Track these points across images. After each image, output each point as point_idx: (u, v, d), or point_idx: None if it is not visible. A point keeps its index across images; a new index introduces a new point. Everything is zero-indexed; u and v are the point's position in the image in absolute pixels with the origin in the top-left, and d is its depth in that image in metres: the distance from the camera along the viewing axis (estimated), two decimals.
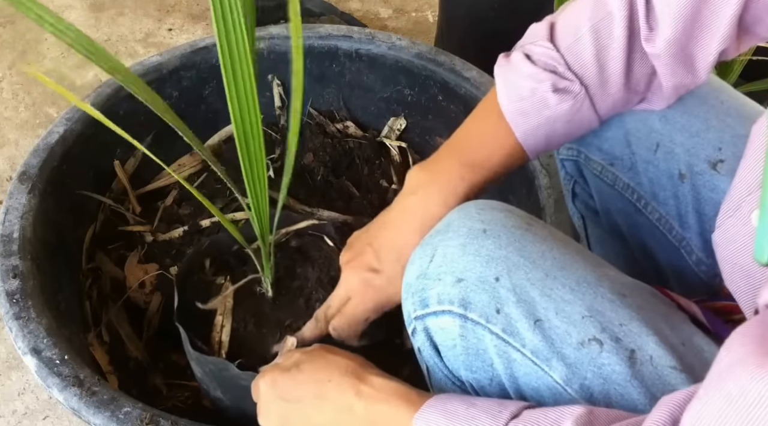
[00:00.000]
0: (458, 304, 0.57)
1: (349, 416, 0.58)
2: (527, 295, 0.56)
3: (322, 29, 1.11)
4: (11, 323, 0.76)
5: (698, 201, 0.72)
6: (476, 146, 0.71)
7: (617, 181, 0.78)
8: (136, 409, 0.70)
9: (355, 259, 0.73)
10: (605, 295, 0.56)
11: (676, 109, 0.72)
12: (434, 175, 0.70)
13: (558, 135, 0.70)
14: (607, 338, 0.54)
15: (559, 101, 0.67)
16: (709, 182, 0.71)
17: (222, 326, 0.81)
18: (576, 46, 0.67)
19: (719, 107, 0.72)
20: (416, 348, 0.64)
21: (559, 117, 0.68)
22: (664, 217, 0.76)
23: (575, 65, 0.67)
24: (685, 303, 0.62)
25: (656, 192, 0.75)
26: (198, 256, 0.86)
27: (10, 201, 0.87)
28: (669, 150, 0.73)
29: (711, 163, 0.71)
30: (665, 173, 0.74)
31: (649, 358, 0.54)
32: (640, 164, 0.75)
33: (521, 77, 0.68)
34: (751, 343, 0.38)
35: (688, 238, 0.75)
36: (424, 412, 0.53)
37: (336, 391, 0.59)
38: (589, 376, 0.54)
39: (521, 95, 0.68)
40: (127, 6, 1.70)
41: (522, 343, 0.56)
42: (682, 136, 0.72)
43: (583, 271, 0.57)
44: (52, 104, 1.49)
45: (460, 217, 0.61)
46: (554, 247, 0.58)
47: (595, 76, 0.67)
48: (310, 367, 0.62)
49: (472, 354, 0.58)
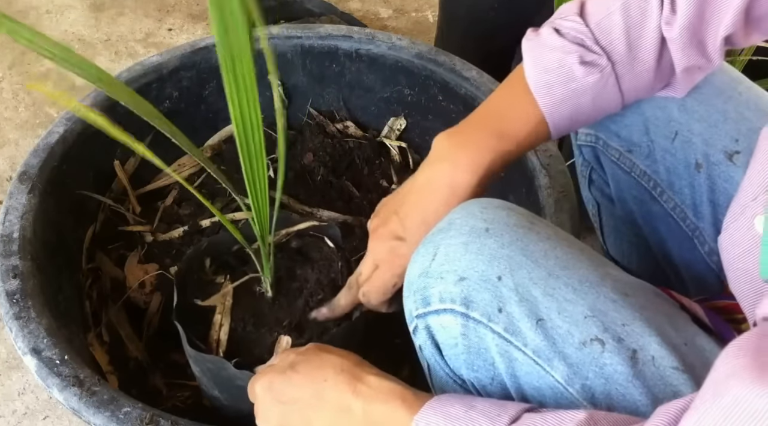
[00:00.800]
0: (460, 302, 0.57)
1: (347, 416, 0.58)
2: (529, 294, 0.56)
3: (322, 29, 1.11)
4: (11, 323, 0.76)
5: (713, 191, 0.73)
6: (503, 117, 0.70)
7: (634, 168, 0.78)
8: (136, 409, 0.70)
9: (381, 226, 0.72)
10: (608, 295, 0.56)
11: (695, 98, 0.73)
12: (463, 142, 0.69)
13: (582, 112, 0.70)
14: (609, 338, 0.54)
15: (585, 74, 0.67)
16: (724, 173, 0.71)
17: (220, 325, 0.81)
18: (605, 22, 0.67)
19: (737, 99, 0.73)
20: (417, 346, 0.64)
21: (585, 91, 0.68)
22: (679, 206, 0.76)
23: (603, 40, 0.67)
24: (687, 302, 0.62)
25: (672, 180, 0.75)
26: (198, 255, 0.86)
27: (10, 201, 0.87)
28: (687, 139, 0.73)
29: (727, 154, 0.71)
30: (682, 162, 0.74)
31: (651, 359, 0.54)
32: (657, 152, 0.75)
33: (548, 50, 0.68)
34: (747, 356, 0.38)
35: (702, 228, 0.75)
36: (425, 414, 0.53)
37: (333, 390, 0.59)
38: (590, 376, 0.54)
39: (547, 67, 0.68)
40: (127, 6, 1.70)
41: (524, 342, 0.56)
42: (700, 126, 0.72)
43: (586, 270, 0.57)
44: (52, 104, 1.49)
45: (463, 215, 0.61)
46: (557, 245, 0.58)
47: (624, 54, 0.67)
48: (305, 368, 0.62)
49: (473, 353, 0.58)
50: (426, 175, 0.70)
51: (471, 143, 0.68)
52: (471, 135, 0.69)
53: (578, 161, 0.87)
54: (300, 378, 0.61)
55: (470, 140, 0.69)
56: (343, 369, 0.60)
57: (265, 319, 0.82)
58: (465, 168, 0.67)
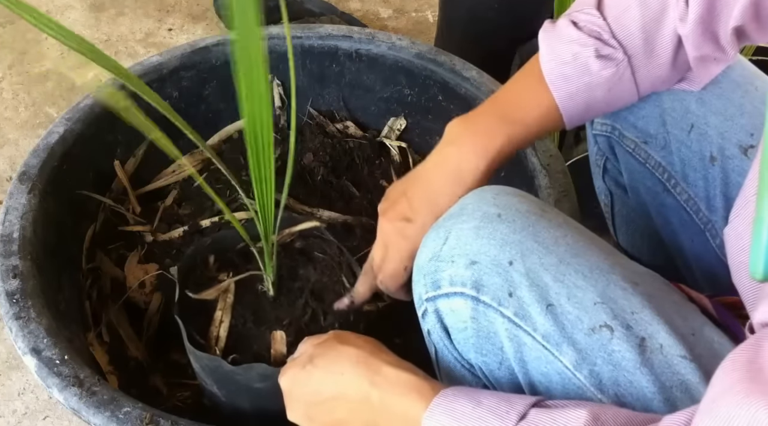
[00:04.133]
0: (471, 286, 0.58)
1: (366, 406, 0.58)
2: (540, 279, 0.56)
3: (322, 29, 1.11)
4: (11, 323, 0.76)
5: (726, 185, 0.73)
6: (515, 104, 0.71)
7: (649, 159, 0.78)
8: (136, 409, 0.70)
9: (390, 208, 0.73)
10: (617, 283, 0.56)
11: (712, 91, 0.73)
12: (472, 127, 0.70)
13: (596, 104, 0.70)
14: (618, 325, 0.54)
15: (601, 68, 0.67)
16: (738, 167, 0.72)
17: (221, 321, 0.82)
18: (623, 16, 0.67)
19: (754, 93, 0.73)
20: (426, 331, 0.64)
21: (600, 84, 0.68)
22: (692, 199, 0.76)
23: (620, 34, 0.67)
24: (696, 295, 0.63)
25: (687, 173, 0.75)
26: (201, 252, 0.87)
27: (10, 201, 0.87)
28: (703, 132, 0.73)
29: (742, 148, 0.71)
30: (697, 154, 0.74)
31: (660, 347, 0.54)
32: (673, 144, 0.75)
33: (565, 42, 0.68)
34: (740, 370, 0.39)
35: (714, 221, 0.75)
36: (433, 412, 0.53)
37: (351, 384, 0.60)
38: (599, 362, 0.54)
39: (564, 59, 0.68)
40: (127, 6, 1.70)
41: (533, 327, 0.56)
42: (717, 119, 0.72)
43: (596, 258, 0.58)
44: (52, 104, 1.49)
45: (475, 201, 0.61)
46: (568, 233, 0.59)
47: (640, 48, 0.67)
48: (322, 362, 0.63)
49: (482, 337, 0.59)
50: (435, 159, 0.71)
51: (480, 128, 0.69)
52: (481, 121, 0.70)
53: (592, 151, 0.88)
54: (319, 373, 0.62)
55: (480, 126, 0.70)
56: (359, 361, 0.60)
57: (265, 317, 0.82)
58: (473, 152, 0.68)
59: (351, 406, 0.60)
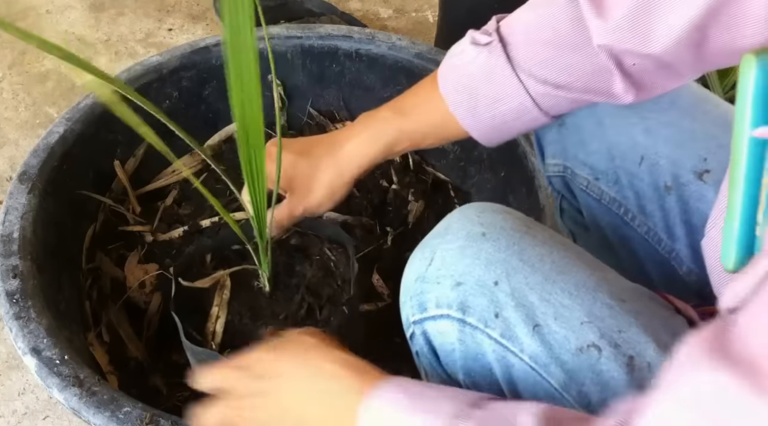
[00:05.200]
0: (457, 308, 0.57)
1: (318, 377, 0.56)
2: (526, 299, 0.56)
3: (322, 29, 1.11)
4: (11, 323, 0.76)
5: (686, 212, 0.72)
6: (410, 101, 0.75)
7: (603, 195, 0.78)
8: (136, 409, 0.70)
9: None
10: (604, 301, 0.56)
11: (659, 120, 0.72)
12: (367, 121, 0.76)
13: (481, 98, 0.69)
14: (606, 344, 0.54)
15: (476, 53, 0.69)
16: (696, 192, 0.71)
17: (217, 317, 0.82)
18: (511, 18, 0.69)
19: (703, 118, 0.72)
20: (414, 352, 0.64)
21: (477, 70, 0.69)
22: (653, 230, 0.75)
23: (504, 28, 0.68)
24: (682, 306, 0.62)
25: (643, 205, 0.75)
26: (199, 252, 0.87)
27: (10, 201, 0.87)
28: (654, 162, 0.72)
29: (697, 174, 0.71)
30: (651, 186, 0.73)
31: (648, 365, 0.54)
32: (624, 178, 0.75)
33: (460, 43, 0.71)
34: (701, 345, 0.37)
35: (678, 250, 0.74)
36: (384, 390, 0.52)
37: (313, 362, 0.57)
38: (587, 382, 0.54)
39: (452, 52, 0.71)
40: (127, 6, 1.70)
41: (520, 347, 0.55)
42: (667, 148, 0.72)
43: (582, 274, 0.57)
44: (52, 104, 1.49)
45: (459, 219, 0.61)
46: (553, 250, 0.58)
47: (521, 41, 0.67)
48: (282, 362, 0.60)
49: (470, 358, 0.58)
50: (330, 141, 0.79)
51: (372, 121, 0.76)
52: (373, 113, 0.76)
53: (548, 191, 0.87)
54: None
55: (372, 118, 0.76)
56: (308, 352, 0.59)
57: (261, 312, 0.83)
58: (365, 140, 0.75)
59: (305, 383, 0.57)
